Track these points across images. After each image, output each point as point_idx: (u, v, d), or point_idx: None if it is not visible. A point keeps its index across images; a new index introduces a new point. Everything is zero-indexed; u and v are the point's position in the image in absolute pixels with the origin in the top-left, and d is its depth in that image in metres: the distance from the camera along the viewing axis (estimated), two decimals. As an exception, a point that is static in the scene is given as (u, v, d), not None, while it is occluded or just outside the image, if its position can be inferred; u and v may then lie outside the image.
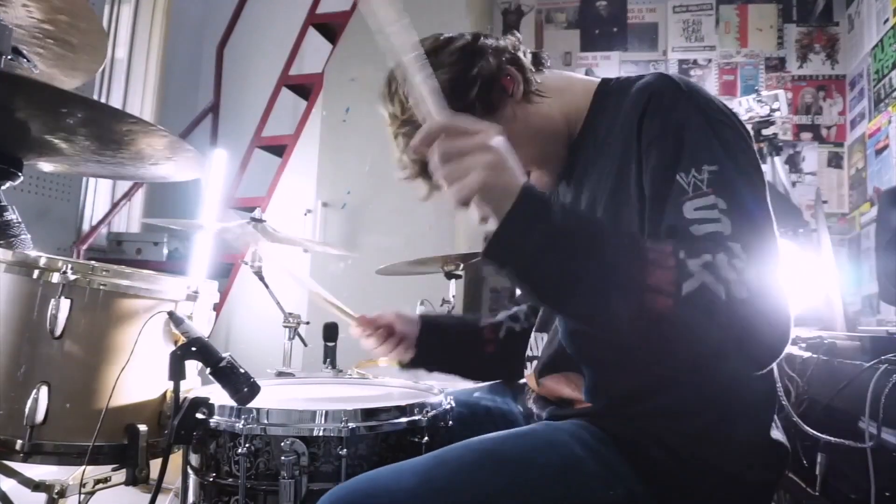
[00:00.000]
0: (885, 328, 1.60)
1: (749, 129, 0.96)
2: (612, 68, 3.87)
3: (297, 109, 3.89)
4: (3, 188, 1.34)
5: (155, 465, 1.08)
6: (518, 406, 1.11)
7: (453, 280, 2.27)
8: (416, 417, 1.01)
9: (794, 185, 3.54)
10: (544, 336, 1.02)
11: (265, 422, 0.96)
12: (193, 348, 1.02)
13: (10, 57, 1.28)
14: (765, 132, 2.74)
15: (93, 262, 1.15)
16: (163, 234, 3.82)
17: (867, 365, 1.38)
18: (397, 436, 1.00)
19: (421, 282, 2.46)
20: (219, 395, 1.04)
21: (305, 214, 3.40)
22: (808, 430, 1.47)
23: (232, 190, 3.73)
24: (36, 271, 1.10)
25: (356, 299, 1.23)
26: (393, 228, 3.05)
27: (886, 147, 2.96)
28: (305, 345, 1.95)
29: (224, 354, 1.02)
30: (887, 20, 2.98)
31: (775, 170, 2.81)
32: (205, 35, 4.90)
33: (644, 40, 3.91)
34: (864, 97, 3.26)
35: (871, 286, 3.01)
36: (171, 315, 1.13)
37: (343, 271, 3.18)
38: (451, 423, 1.07)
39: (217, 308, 1.36)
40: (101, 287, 1.12)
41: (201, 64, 4.96)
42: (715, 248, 0.70)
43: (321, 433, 0.95)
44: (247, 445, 0.95)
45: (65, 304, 1.08)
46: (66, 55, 1.40)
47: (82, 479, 1.17)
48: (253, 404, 0.98)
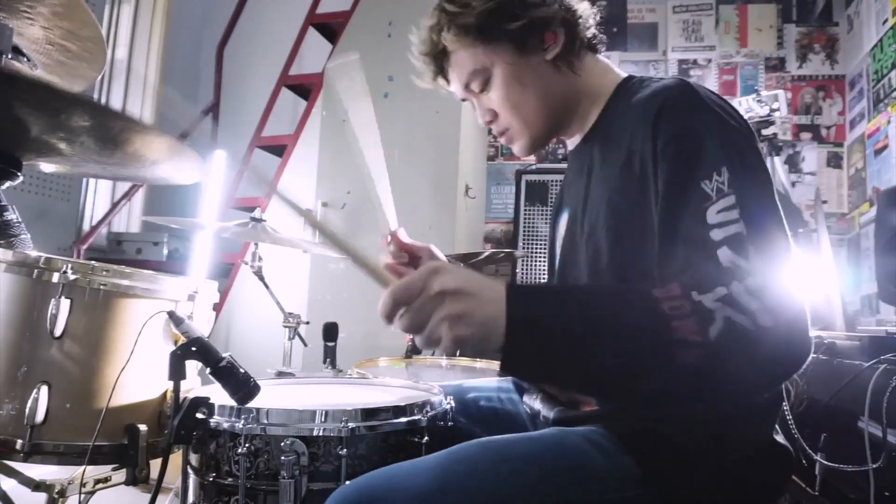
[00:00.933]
0: (884, 328, 1.60)
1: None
2: (612, 68, 3.87)
3: (297, 109, 3.89)
4: (3, 188, 1.34)
5: (155, 465, 1.08)
6: (525, 406, 1.11)
7: (453, 280, 2.26)
8: (416, 417, 1.01)
9: (793, 185, 3.54)
10: None
11: (265, 422, 0.96)
12: (193, 348, 1.02)
13: (10, 56, 1.28)
14: (764, 132, 2.74)
15: (93, 262, 1.15)
16: (163, 234, 3.82)
17: (867, 365, 1.38)
18: (397, 436, 1.00)
19: (421, 282, 2.45)
20: (219, 395, 1.04)
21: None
22: (803, 443, 1.47)
23: (232, 190, 3.73)
24: (36, 271, 1.10)
25: (356, 299, 1.23)
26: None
27: (886, 147, 2.96)
28: (305, 345, 1.95)
29: (224, 354, 1.02)
30: (886, 20, 2.99)
31: (775, 170, 2.81)
32: (205, 35, 4.90)
33: (644, 40, 3.92)
34: (864, 97, 3.26)
35: (871, 286, 3.01)
36: (171, 315, 1.13)
37: (343, 271, 3.18)
38: (450, 423, 1.07)
39: (217, 308, 1.36)
40: (101, 287, 1.12)
41: (201, 64, 4.96)
42: (727, 276, 0.69)
43: (321, 433, 0.95)
44: (247, 445, 0.95)
45: (65, 304, 1.08)
46: (65, 62, 1.41)
47: (82, 479, 1.17)
48: (253, 404, 0.98)
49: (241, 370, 1.01)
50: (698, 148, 0.78)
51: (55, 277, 1.09)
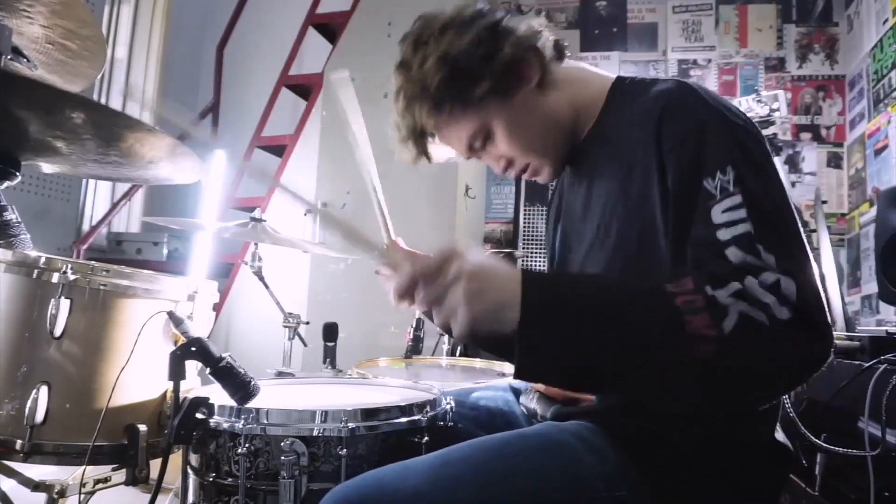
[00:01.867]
0: (884, 328, 1.60)
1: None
2: (612, 68, 3.87)
3: (297, 109, 3.89)
4: (2, 188, 1.34)
5: (155, 465, 1.08)
6: (521, 406, 1.11)
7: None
8: (416, 417, 1.01)
9: (793, 185, 3.54)
10: None
11: (265, 422, 0.96)
12: (193, 348, 1.02)
13: (9, 56, 1.28)
14: (764, 132, 2.73)
15: (93, 262, 1.15)
16: (163, 234, 3.82)
17: (867, 365, 1.38)
18: (397, 436, 1.00)
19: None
20: (219, 395, 1.04)
21: (305, 214, 3.40)
22: (809, 435, 1.47)
23: (232, 190, 3.73)
24: (36, 271, 1.10)
25: (356, 299, 1.22)
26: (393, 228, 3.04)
27: (886, 147, 2.96)
28: (305, 345, 1.95)
29: (224, 354, 1.02)
30: (886, 20, 2.98)
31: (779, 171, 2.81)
32: (205, 35, 4.90)
33: (644, 40, 3.91)
34: (864, 97, 3.26)
35: (871, 286, 3.01)
36: (171, 315, 1.13)
37: (343, 271, 3.18)
38: (450, 423, 1.07)
39: (217, 308, 1.36)
40: (101, 287, 1.12)
41: (201, 64, 4.96)
42: (741, 272, 0.68)
43: (321, 433, 0.95)
44: (247, 445, 0.95)
45: (65, 304, 1.08)
46: (66, 61, 1.41)
47: (82, 479, 1.17)
48: (253, 404, 0.98)
49: (241, 370, 1.01)
50: (701, 148, 0.78)
51: (55, 277, 1.09)
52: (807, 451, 1.54)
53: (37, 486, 1.18)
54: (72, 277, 1.09)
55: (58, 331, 1.08)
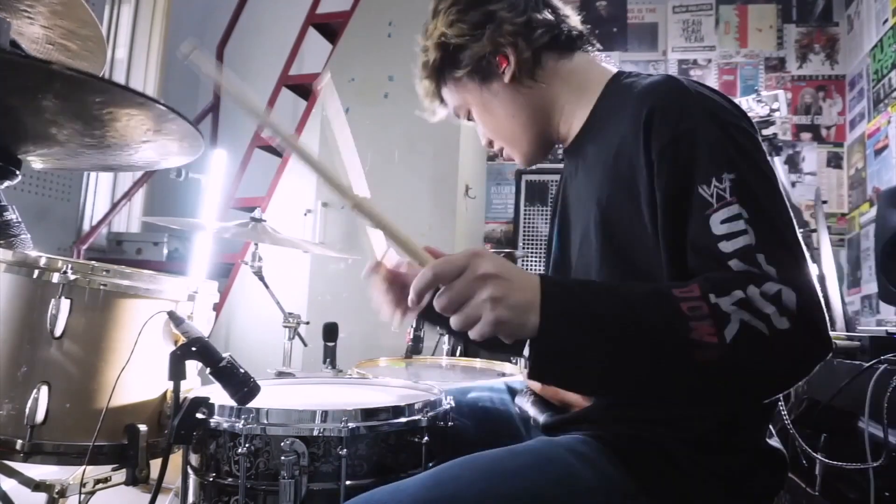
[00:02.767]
0: (884, 328, 1.60)
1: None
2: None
3: (297, 109, 3.89)
4: (2, 187, 1.34)
5: (155, 465, 1.08)
6: (515, 408, 1.10)
7: (453, 280, 2.26)
8: (416, 417, 1.01)
9: (793, 185, 3.54)
10: None
11: (265, 422, 0.96)
12: (193, 348, 1.02)
13: (7, 50, 1.28)
14: (764, 132, 2.74)
15: (93, 262, 1.15)
16: (163, 234, 3.82)
17: (867, 365, 1.38)
18: (397, 436, 1.00)
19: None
20: (219, 395, 1.04)
21: (305, 214, 3.40)
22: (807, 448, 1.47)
23: (232, 190, 3.73)
24: (36, 271, 1.10)
25: (356, 299, 1.23)
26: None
27: (886, 147, 2.97)
28: (305, 345, 1.95)
29: (224, 354, 1.02)
30: (886, 20, 2.99)
31: (775, 170, 2.81)
32: (205, 35, 4.90)
33: (644, 40, 3.92)
34: (864, 97, 3.27)
35: (871, 286, 3.01)
36: (171, 315, 1.13)
37: (343, 271, 3.18)
38: (450, 423, 1.07)
39: (217, 308, 1.36)
40: (101, 287, 1.12)
41: (201, 64, 4.95)
42: (744, 280, 0.69)
43: (321, 433, 0.95)
44: (247, 445, 0.95)
45: (65, 304, 1.08)
46: (66, 61, 1.40)
47: (82, 479, 1.17)
48: (253, 404, 0.98)
49: (241, 370, 1.01)
50: (693, 152, 0.77)
51: (55, 277, 1.09)
52: (807, 452, 1.54)
53: (37, 486, 1.18)
54: (72, 277, 1.09)
55: (58, 331, 1.08)
